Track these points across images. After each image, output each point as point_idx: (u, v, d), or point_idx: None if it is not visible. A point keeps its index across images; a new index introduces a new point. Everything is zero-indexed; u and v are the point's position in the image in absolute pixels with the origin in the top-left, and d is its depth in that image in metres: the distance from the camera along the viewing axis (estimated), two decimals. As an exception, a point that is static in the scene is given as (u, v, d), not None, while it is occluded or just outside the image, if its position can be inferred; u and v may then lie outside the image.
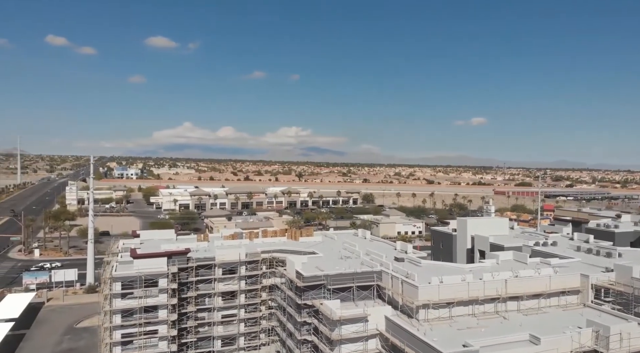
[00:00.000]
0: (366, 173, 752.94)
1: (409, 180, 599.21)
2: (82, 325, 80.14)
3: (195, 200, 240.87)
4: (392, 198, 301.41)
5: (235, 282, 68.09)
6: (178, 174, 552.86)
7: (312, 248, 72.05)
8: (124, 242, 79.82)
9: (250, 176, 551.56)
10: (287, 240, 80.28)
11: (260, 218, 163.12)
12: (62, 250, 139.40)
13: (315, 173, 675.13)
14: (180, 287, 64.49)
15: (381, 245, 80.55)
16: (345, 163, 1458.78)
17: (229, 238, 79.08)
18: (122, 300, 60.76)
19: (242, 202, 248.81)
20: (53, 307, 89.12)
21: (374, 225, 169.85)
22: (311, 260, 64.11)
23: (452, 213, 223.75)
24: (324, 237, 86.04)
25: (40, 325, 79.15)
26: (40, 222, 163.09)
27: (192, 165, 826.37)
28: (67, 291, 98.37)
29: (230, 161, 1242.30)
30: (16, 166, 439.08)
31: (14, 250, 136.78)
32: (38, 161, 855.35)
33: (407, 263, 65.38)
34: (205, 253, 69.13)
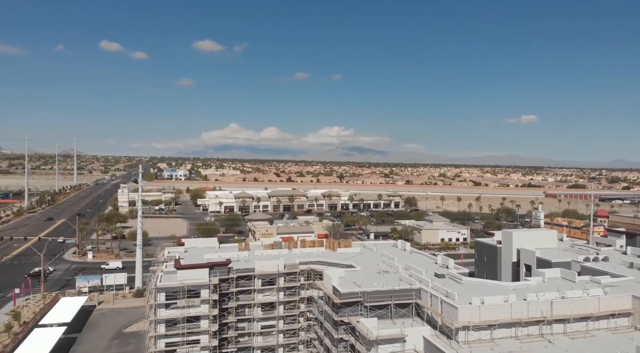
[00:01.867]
0: (409, 174, 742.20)
1: (455, 181, 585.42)
2: (130, 329, 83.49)
3: (239, 202, 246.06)
4: (435, 201, 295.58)
5: (274, 293, 68.93)
6: (224, 175, 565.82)
7: (350, 261, 71.75)
8: (169, 251, 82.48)
9: (292, 177, 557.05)
10: (325, 251, 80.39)
11: (300, 222, 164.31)
12: (113, 253, 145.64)
13: (357, 174, 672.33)
14: (221, 298, 65.99)
15: (421, 258, 79.15)
16: (388, 163, 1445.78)
17: (268, 248, 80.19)
18: (166, 310, 62.85)
19: (284, 204, 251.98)
20: (103, 310, 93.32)
21: (416, 231, 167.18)
22: (348, 274, 63.86)
23: (499, 219, 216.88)
24: (363, 247, 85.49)
25: (91, 328, 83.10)
26: (93, 225, 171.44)
27: (237, 166, 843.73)
28: (116, 294, 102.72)
29: (273, 161, 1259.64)
30: (73, 167, 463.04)
31: (69, 252, 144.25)
32: (93, 162, 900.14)
33: (448, 280, 63.93)
34: (245, 264, 70.35)
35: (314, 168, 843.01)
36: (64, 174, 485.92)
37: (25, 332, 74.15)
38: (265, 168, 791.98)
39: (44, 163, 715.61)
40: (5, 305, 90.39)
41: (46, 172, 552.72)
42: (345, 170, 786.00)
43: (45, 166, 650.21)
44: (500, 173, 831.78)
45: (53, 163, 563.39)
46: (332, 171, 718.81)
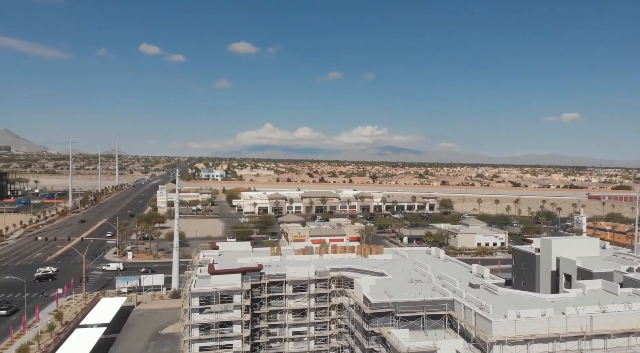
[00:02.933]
0: (445, 174, 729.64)
1: (493, 182, 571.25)
2: (166, 331, 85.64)
3: (272, 203, 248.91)
4: (472, 203, 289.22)
5: (305, 299, 69.19)
6: (258, 175, 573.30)
7: (382, 268, 71.13)
8: (204, 254, 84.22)
9: (325, 177, 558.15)
10: (357, 257, 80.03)
11: (333, 225, 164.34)
12: (152, 253, 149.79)
13: (390, 174, 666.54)
14: (253, 303, 66.79)
15: (455, 267, 77.61)
16: (423, 162, 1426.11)
17: (299, 253, 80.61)
18: (200, 314, 64.13)
19: (316, 206, 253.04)
20: (141, 311, 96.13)
21: (452, 235, 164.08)
22: (380, 282, 63.32)
23: (538, 222, 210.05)
24: (395, 254, 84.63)
25: (129, 329, 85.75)
26: (133, 226, 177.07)
27: (271, 166, 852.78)
28: (154, 295, 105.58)
29: (306, 161, 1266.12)
30: (115, 167, 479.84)
31: (110, 252, 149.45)
32: (134, 162, 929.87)
33: (483, 291, 62.44)
34: (277, 269, 70.95)
35: (346, 168, 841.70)
36: (106, 174, 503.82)
37: (67, 332, 77.23)
38: (299, 168, 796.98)
39: (88, 163, 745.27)
40: (49, 304, 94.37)
41: (89, 172, 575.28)
42: (379, 170, 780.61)
43: (89, 166, 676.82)
44: (540, 173, 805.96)
45: (96, 163, 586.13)
46: (365, 171, 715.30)
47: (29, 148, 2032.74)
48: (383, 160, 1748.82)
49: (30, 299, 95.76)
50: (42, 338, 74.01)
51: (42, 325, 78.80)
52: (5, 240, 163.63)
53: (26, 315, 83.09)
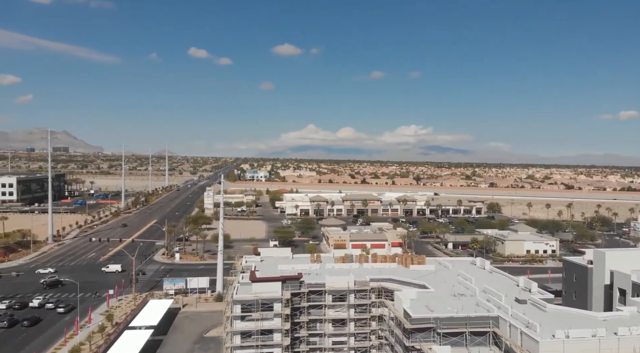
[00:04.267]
0: (493, 175, 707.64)
1: (544, 184, 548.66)
2: (210, 334, 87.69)
3: (314, 206, 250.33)
4: (521, 207, 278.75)
5: (345, 309, 68.90)
6: (301, 176, 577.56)
7: (424, 280, 69.73)
8: (246, 260, 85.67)
9: (367, 179, 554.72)
10: (398, 267, 78.84)
11: (374, 229, 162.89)
12: (198, 255, 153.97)
13: (435, 175, 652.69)
14: (293, 312, 67.20)
15: (501, 279, 74.93)
16: (470, 163, 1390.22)
17: (339, 262, 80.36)
18: (241, 321, 65.21)
19: (358, 209, 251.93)
20: (187, 313, 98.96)
21: (499, 241, 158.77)
22: (421, 295, 62.09)
23: (593, 228, 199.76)
24: (438, 264, 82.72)
25: (175, 331, 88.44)
26: (181, 227, 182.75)
27: (314, 166, 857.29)
28: (199, 297, 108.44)
29: (348, 162, 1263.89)
30: (165, 168, 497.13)
31: (159, 253, 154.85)
32: (183, 163, 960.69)
33: (530, 307, 60.03)
34: (316, 278, 71.06)
35: (389, 169, 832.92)
36: (156, 174, 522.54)
37: (117, 333, 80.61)
38: (341, 169, 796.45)
39: (140, 164, 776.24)
40: (100, 304, 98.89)
41: (141, 173, 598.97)
42: (423, 171, 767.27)
43: (141, 167, 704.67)
44: (595, 174, 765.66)
45: (148, 164, 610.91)
46: (408, 172, 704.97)
47: (85, 149, 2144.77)
48: (427, 161, 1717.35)
49: (84, 299, 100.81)
50: (94, 339, 77.62)
51: (94, 326, 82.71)
52: (62, 240, 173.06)
53: (79, 315, 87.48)
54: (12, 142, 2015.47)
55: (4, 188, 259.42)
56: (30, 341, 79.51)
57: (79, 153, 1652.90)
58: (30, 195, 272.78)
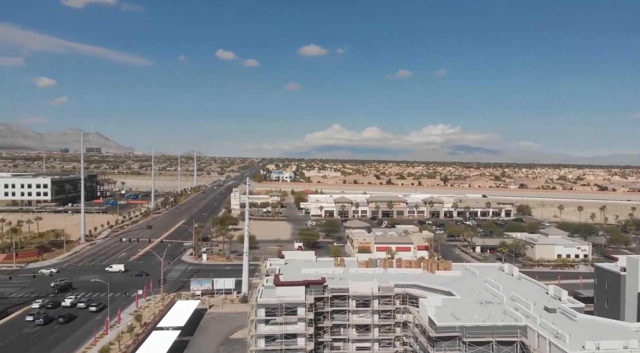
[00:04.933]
0: (523, 176, 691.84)
1: (576, 185, 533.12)
2: (235, 336, 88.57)
3: (338, 207, 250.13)
4: (552, 209, 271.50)
5: (369, 315, 68.56)
6: (326, 177, 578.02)
7: (449, 286, 68.74)
8: (271, 262, 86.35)
9: (393, 179, 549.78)
10: (423, 273, 77.93)
11: (399, 232, 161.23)
12: (224, 255, 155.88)
13: (463, 176, 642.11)
14: (317, 316, 67.28)
15: (530, 286, 73.15)
16: (499, 163, 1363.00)
17: (363, 266, 80.00)
18: (265, 325, 65.72)
19: (383, 210, 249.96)
20: (213, 314, 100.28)
21: (529, 245, 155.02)
22: (446, 303, 61.21)
23: (627, 232, 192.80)
24: (464, 270, 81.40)
25: (202, 332, 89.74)
26: (208, 227, 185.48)
27: (338, 166, 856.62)
28: (225, 299, 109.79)
29: (374, 162, 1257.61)
30: (194, 168, 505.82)
31: (186, 254, 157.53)
32: (211, 163, 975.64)
33: (559, 316, 58.44)
34: (340, 282, 70.94)
35: (415, 169, 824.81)
36: (185, 175, 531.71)
37: (145, 333, 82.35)
38: (366, 169, 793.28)
39: (169, 164, 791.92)
40: (130, 305, 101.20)
41: (170, 173, 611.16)
42: (450, 172, 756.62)
43: (170, 168, 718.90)
44: (630, 175, 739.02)
45: (177, 165, 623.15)
46: (435, 173, 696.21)
47: (117, 150, 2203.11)
48: (455, 161, 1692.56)
49: (114, 299, 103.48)
50: (123, 339, 79.48)
51: (123, 326, 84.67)
52: (94, 239, 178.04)
53: (109, 315, 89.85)
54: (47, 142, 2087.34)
55: (39, 188, 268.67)
56: (62, 340, 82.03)
57: (111, 153, 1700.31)
58: (64, 196, 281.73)
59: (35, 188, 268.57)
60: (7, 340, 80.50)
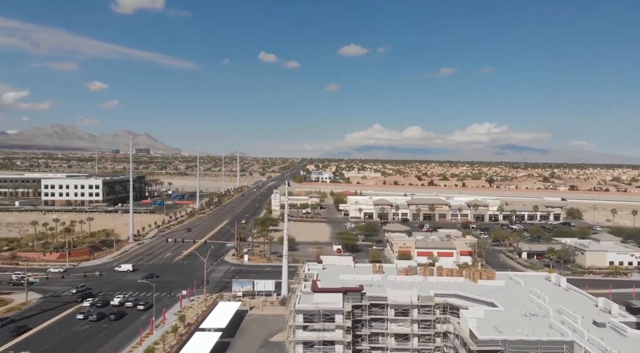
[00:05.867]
0: (574, 177, 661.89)
1: (631, 187, 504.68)
2: (275, 338, 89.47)
3: (378, 209, 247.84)
4: (605, 213, 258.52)
5: (408, 324, 67.60)
6: (365, 177, 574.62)
7: (492, 297, 66.72)
8: (309, 267, 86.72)
9: (435, 180, 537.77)
10: (465, 282, 76.00)
11: (441, 236, 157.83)
12: (265, 257, 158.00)
13: (510, 177, 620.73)
14: (355, 324, 67.01)
15: (578, 299, 69.89)
16: (548, 163, 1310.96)
17: (402, 273, 78.93)
18: (303, 331, 66.10)
19: (424, 213, 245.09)
20: (253, 316, 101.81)
21: (579, 251, 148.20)
22: (489, 315, 59.44)
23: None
24: (509, 280, 78.73)
25: (242, 334, 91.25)
26: (250, 228, 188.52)
27: (378, 167, 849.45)
28: (265, 300, 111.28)
29: (415, 162, 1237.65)
30: (236, 169, 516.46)
31: (229, 254, 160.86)
32: (254, 164, 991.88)
33: (609, 331, 55.57)
34: (378, 290, 70.31)
35: (459, 169, 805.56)
36: (229, 175, 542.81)
37: (188, 334, 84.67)
38: (407, 170, 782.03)
39: (214, 165, 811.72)
40: (174, 305, 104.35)
41: (215, 173, 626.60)
42: (496, 172, 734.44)
43: (215, 168, 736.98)
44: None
45: (221, 165, 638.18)
46: (480, 173, 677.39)
47: (165, 151, 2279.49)
48: (502, 161, 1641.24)
49: (160, 299, 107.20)
50: (167, 339, 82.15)
51: (167, 326, 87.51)
52: (142, 239, 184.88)
53: (154, 315, 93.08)
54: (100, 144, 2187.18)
55: (91, 189, 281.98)
56: (110, 339, 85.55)
57: (159, 154, 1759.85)
58: (114, 196, 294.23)
59: (87, 189, 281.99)
60: (58, 338, 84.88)
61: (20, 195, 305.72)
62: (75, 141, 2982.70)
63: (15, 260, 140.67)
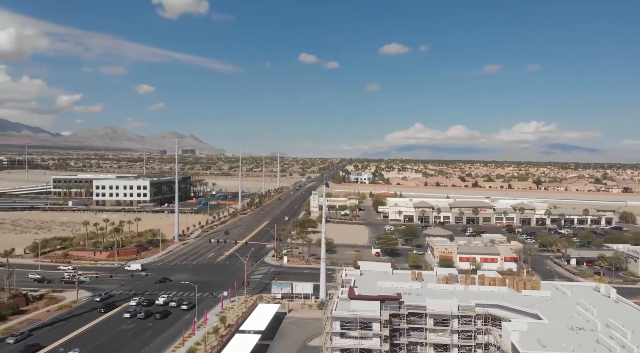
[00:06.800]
0: (628, 178, 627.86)
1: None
2: (313, 343, 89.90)
3: (418, 212, 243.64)
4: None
5: (448, 334, 66.30)
6: (406, 178, 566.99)
7: (537, 308, 64.38)
8: (346, 272, 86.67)
9: (479, 182, 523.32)
10: (508, 292, 73.71)
11: (485, 241, 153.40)
12: (304, 259, 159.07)
13: (558, 179, 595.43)
14: (393, 333, 66.38)
15: (629, 312, 66.36)
16: (600, 163, 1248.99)
17: (442, 282, 77.43)
18: (340, 338, 66.14)
19: (467, 216, 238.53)
20: (292, 319, 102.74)
21: (632, 258, 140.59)
22: (532, 328, 57.44)
23: None
24: (554, 290, 75.72)
25: (281, 337, 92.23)
26: (289, 230, 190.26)
27: (420, 167, 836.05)
28: (304, 303, 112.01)
29: (459, 162, 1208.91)
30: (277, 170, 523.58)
31: (269, 255, 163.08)
32: (293, 164, 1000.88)
33: (664, 350, 52.32)
34: (417, 299, 69.35)
35: (505, 170, 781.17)
36: (269, 175, 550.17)
37: (229, 335, 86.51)
38: (450, 170, 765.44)
39: (255, 165, 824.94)
40: (215, 305, 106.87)
41: (256, 174, 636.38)
42: (544, 173, 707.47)
43: (256, 168, 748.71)
44: None
45: (262, 165, 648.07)
46: (527, 174, 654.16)
47: (209, 151, 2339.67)
48: (550, 161, 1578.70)
49: (202, 299, 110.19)
50: (208, 340, 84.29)
51: (209, 327, 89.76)
52: (186, 239, 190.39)
53: (196, 315, 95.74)
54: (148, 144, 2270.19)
55: (139, 190, 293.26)
56: (155, 338, 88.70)
57: (204, 155, 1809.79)
58: (160, 196, 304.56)
59: (135, 189, 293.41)
60: (106, 336, 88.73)
61: (73, 195, 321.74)
62: (124, 142, 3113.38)
63: (67, 258, 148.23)
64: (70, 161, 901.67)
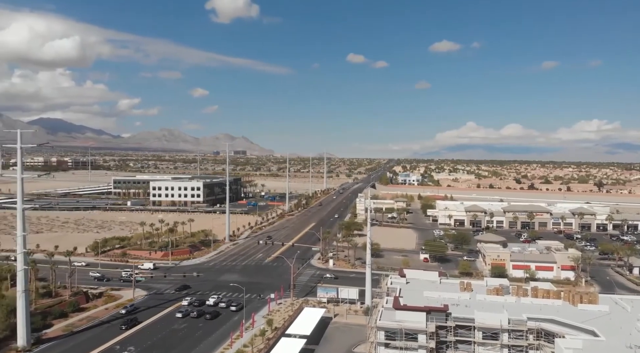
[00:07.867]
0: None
1: None
2: (358, 350, 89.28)
3: (470, 216, 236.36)
4: None
5: (498, 349, 64.16)
6: (457, 180, 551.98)
7: (593, 324, 61.08)
8: (392, 281, 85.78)
9: (536, 184, 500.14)
10: (563, 305, 70.30)
11: (540, 248, 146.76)
12: (349, 262, 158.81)
13: (622, 181, 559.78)
14: (439, 345, 65.06)
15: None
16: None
17: (492, 293, 74.93)
18: (385, 348, 65.58)
19: (522, 221, 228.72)
20: (337, 324, 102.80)
21: None
22: (587, 345, 54.54)
23: None
24: (614, 304, 71.44)
25: (326, 342, 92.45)
26: (335, 232, 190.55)
27: (472, 168, 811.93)
28: (349, 309, 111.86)
29: (514, 162, 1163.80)
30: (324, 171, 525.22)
31: (315, 258, 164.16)
32: (340, 165, 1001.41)
33: None
34: (465, 310, 67.60)
35: (564, 171, 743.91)
36: (316, 176, 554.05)
37: (275, 338, 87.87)
38: (504, 171, 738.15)
39: (303, 166, 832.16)
40: (262, 307, 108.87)
41: (304, 175, 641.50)
42: (607, 174, 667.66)
43: (304, 169, 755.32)
44: None
45: (310, 166, 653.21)
46: (588, 176, 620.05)
47: (259, 152, 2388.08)
48: (613, 161, 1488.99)
49: (250, 300, 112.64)
50: (255, 342, 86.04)
51: (256, 329, 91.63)
52: (236, 239, 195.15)
53: (244, 317, 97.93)
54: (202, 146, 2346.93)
55: (193, 191, 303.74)
56: (204, 338, 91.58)
57: (254, 156, 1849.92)
58: (213, 197, 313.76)
59: (190, 190, 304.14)
60: (159, 335, 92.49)
61: (132, 195, 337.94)
62: (180, 144, 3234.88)
63: (125, 257, 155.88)
64: (129, 162, 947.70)
